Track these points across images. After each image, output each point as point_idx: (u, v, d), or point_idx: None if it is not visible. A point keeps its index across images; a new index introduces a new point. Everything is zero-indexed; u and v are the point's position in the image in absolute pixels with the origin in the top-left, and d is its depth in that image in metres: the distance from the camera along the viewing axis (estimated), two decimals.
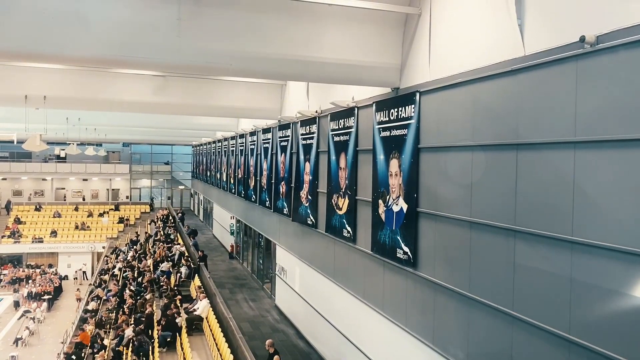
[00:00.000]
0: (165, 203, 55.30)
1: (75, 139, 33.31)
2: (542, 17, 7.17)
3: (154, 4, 9.02)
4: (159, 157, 56.49)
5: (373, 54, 10.63)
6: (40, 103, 16.06)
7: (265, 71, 10.99)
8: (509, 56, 7.65)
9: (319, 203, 15.63)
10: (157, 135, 38.70)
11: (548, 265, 6.95)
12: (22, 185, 50.05)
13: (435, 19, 9.68)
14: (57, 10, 8.58)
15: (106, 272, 29.68)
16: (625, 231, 5.85)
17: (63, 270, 42.89)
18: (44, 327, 30.93)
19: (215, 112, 20.69)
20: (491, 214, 8.05)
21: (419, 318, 10.18)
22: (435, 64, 9.69)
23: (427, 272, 9.85)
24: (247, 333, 16.83)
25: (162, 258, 24.45)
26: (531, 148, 7.27)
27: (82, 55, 9.29)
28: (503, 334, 7.80)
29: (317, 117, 15.68)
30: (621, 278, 5.90)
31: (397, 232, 10.80)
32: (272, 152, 21.11)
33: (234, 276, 27.19)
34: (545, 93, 7.01)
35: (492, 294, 8.03)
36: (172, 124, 28.85)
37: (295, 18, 9.91)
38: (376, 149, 11.67)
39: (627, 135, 5.81)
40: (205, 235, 39.32)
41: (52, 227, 45.53)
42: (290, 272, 19.34)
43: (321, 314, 15.76)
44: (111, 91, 16.50)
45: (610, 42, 6.00)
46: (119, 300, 20.78)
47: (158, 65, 11.04)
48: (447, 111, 9.32)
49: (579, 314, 6.46)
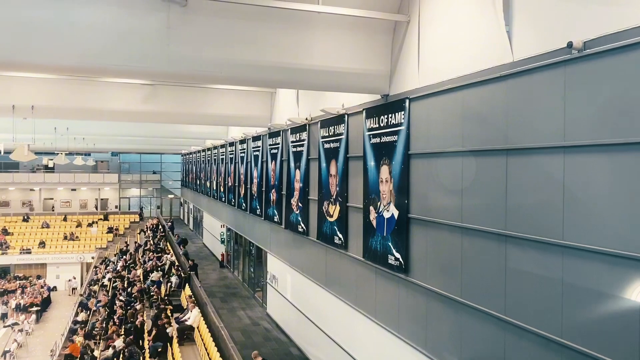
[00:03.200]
0: (154, 212, 54.96)
1: (63, 149, 33.08)
2: (530, 24, 7.24)
3: (143, 13, 8.99)
4: (148, 166, 56.18)
5: (362, 61, 10.66)
6: (28, 113, 15.94)
7: (255, 79, 10.99)
8: (498, 62, 7.71)
9: (310, 210, 15.61)
10: (146, 144, 38.50)
11: (539, 270, 6.97)
12: (10, 196, 49.53)
13: (423, 26, 9.74)
14: (44, 19, 8.49)
15: (95, 283, 29.43)
16: (615, 235, 5.89)
17: (52, 281, 42.39)
18: (33, 339, 30.52)
19: (204, 120, 20.65)
20: (482, 219, 8.08)
21: (412, 324, 10.17)
22: (425, 70, 9.74)
23: (419, 278, 9.85)
24: (239, 342, 16.72)
25: (153, 268, 24.29)
26: (521, 153, 7.31)
27: (71, 64, 9.21)
28: (496, 339, 7.81)
29: (308, 124, 15.69)
30: (611, 281, 5.93)
31: (388, 238, 10.81)
32: (262, 160, 21.08)
33: (225, 285, 27.04)
34: (534, 98, 7.07)
35: (484, 299, 8.04)
36: (161, 132, 28.74)
37: (285, 26, 9.93)
38: (367, 156, 11.69)
39: (615, 139, 5.86)
40: (196, 244, 39.11)
41: (41, 238, 45.03)
42: (281, 280, 19.27)
43: (313, 321, 15.71)
44: (100, 100, 16.40)
45: (597, 47, 6.07)
46: (109, 311, 20.60)
47: (148, 74, 10.99)
48: (436, 117, 9.37)
49: (570, 317, 6.48)
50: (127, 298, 21.34)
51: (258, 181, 21.64)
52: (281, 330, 19.14)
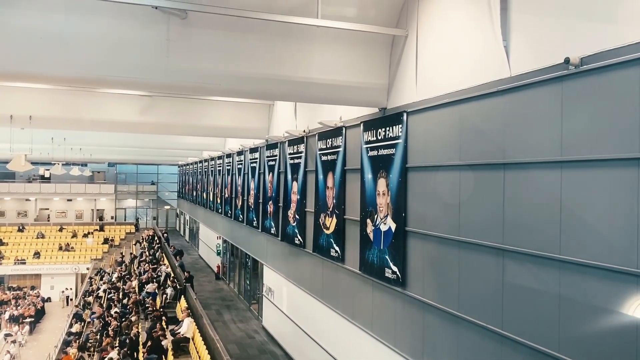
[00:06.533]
0: (150, 223, 54.79)
1: (60, 159, 33.04)
2: (528, 39, 7.31)
3: (143, 25, 9.04)
4: (144, 177, 56.09)
5: (360, 75, 10.72)
6: (25, 123, 15.95)
7: (254, 91, 11.04)
8: (495, 77, 7.76)
9: (306, 223, 15.59)
10: (143, 155, 38.50)
11: (536, 284, 6.97)
12: (5, 206, 49.33)
13: (421, 41, 9.82)
14: (43, 30, 8.51)
15: (90, 294, 29.25)
16: (612, 250, 5.90)
17: (46, 292, 42.09)
18: (26, 350, 30.27)
19: (202, 131, 20.67)
20: (479, 233, 8.09)
21: (409, 338, 10.13)
22: (422, 84, 9.80)
23: (416, 292, 9.83)
24: (234, 355, 16.61)
25: (148, 279, 24.17)
26: (518, 167, 7.34)
27: (70, 75, 9.24)
28: (492, 353, 7.78)
29: (305, 136, 15.72)
30: (608, 296, 5.94)
31: (385, 251, 10.80)
32: (259, 172, 21.08)
33: (220, 297, 26.90)
34: (532, 113, 7.11)
35: (481, 313, 8.03)
36: (159, 143, 28.78)
37: (284, 39, 9.99)
38: (364, 169, 11.72)
39: (612, 155, 5.90)
40: (191, 256, 38.95)
41: (36, 248, 44.79)
42: (277, 292, 19.18)
43: (309, 334, 15.62)
44: (97, 111, 16.42)
45: (594, 63, 6.12)
46: (104, 323, 20.45)
47: (146, 85, 11.02)
48: (434, 131, 9.41)
49: (567, 332, 6.47)
50: (122, 309, 21.22)
51: (255, 193, 21.62)
52: (276, 343, 19.02)
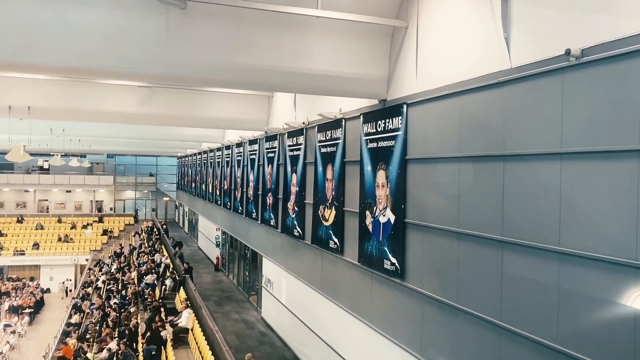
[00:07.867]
0: (149, 215, 54.80)
1: (59, 150, 32.97)
2: (528, 31, 7.28)
3: (142, 15, 8.98)
4: (143, 169, 56.01)
5: (360, 66, 10.69)
6: (24, 114, 15.90)
7: (253, 82, 11.01)
8: (496, 68, 7.74)
9: (305, 214, 15.60)
10: (142, 147, 38.43)
11: (535, 276, 6.99)
12: (4, 197, 49.29)
13: (422, 32, 9.78)
14: (43, 21, 8.46)
15: (89, 285, 29.30)
16: (611, 241, 5.91)
17: (45, 283, 42.16)
18: (25, 341, 30.33)
19: (201, 123, 20.62)
20: (479, 224, 8.09)
21: (407, 329, 10.16)
22: (422, 76, 9.77)
23: (415, 283, 9.85)
24: (233, 346, 16.65)
25: (147, 270, 24.21)
26: (518, 159, 7.34)
27: (69, 65, 9.18)
28: (491, 345, 7.81)
29: (304, 128, 15.70)
30: (607, 288, 5.95)
31: (384, 243, 10.81)
32: (258, 164, 21.07)
33: (219, 289, 26.97)
34: (532, 105, 7.10)
35: (480, 305, 8.05)
36: (158, 135, 28.71)
37: (284, 30, 9.95)
38: (363, 160, 11.70)
39: (612, 146, 5.90)
40: (191, 248, 39.00)
41: (35, 240, 44.81)
42: (276, 284, 19.23)
43: (308, 326, 15.68)
44: (96, 102, 16.36)
45: (594, 55, 6.11)
46: (103, 314, 20.49)
47: (146, 76, 10.97)
48: (434, 123, 9.39)
49: (566, 324, 6.49)
50: (121, 300, 21.26)
51: (254, 185, 21.61)
52: (276, 334, 19.10)
